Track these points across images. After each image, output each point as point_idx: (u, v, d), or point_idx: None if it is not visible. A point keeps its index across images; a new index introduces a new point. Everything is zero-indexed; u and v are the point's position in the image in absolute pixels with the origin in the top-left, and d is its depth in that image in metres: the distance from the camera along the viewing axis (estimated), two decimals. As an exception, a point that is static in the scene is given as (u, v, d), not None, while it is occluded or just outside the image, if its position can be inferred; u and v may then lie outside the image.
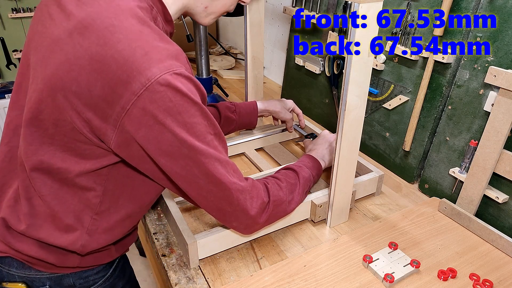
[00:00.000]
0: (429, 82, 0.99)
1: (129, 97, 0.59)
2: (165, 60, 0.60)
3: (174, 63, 0.61)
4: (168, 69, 0.60)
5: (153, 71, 0.58)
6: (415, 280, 0.76)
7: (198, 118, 0.64)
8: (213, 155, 0.66)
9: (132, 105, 0.59)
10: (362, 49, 0.72)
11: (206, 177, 0.67)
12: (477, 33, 0.89)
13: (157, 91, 0.59)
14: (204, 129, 0.66)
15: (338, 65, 1.28)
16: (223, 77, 1.85)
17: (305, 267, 0.79)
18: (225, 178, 0.69)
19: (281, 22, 1.68)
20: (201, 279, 0.78)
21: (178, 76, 0.61)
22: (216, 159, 0.67)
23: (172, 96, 0.60)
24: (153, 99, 0.59)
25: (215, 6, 0.78)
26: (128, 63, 0.58)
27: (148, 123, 0.60)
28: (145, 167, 0.68)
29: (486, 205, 0.91)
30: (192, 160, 0.65)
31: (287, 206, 0.81)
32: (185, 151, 0.64)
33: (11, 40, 2.45)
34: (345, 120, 0.78)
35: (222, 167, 0.68)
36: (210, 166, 0.66)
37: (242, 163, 1.17)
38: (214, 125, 0.68)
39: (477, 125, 0.91)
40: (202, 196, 0.70)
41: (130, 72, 0.58)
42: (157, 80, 0.58)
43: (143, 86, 0.58)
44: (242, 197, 0.71)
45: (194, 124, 0.64)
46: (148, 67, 0.58)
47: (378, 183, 1.01)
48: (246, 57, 1.16)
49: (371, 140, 1.19)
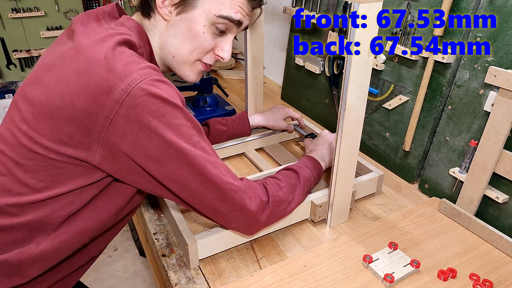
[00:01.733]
0: (429, 82, 0.99)
1: (112, 106, 0.59)
2: (144, 68, 0.62)
3: (153, 72, 0.63)
4: (148, 75, 0.61)
5: (133, 77, 0.60)
6: (415, 280, 0.76)
7: (182, 119, 0.65)
8: (202, 156, 0.66)
9: (115, 114, 0.60)
10: (362, 49, 0.72)
11: (198, 179, 0.66)
12: (477, 33, 0.89)
13: (138, 95, 0.59)
14: (189, 131, 0.66)
15: (338, 65, 1.28)
16: (223, 77, 1.85)
17: (305, 267, 0.79)
18: (218, 178, 0.68)
19: (281, 22, 1.68)
20: (201, 279, 0.78)
21: (157, 81, 0.62)
22: (206, 160, 0.66)
23: (154, 100, 0.61)
24: (135, 104, 0.59)
25: (182, 55, 0.78)
26: (109, 73, 0.60)
27: (133, 130, 0.61)
28: (134, 180, 0.68)
29: (486, 205, 0.91)
30: (182, 163, 0.64)
31: (286, 206, 0.80)
32: (174, 153, 0.63)
33: (11, 40, 2.45)
34: (345, 120, 0.78)
35: (213, 168, 0.67)
36: (200, 167, 0.66)
37: (242, 163, 1.17)
38: (198, 128, 0.68)
39: (477, 125, 0.91)
40: (197, 200, 0.70)
41: (111, 80, 0.59)
42: (137, 85, 0.60)
43: (125, 92, 0.59)
44: (238, 197, 0.71)
45: (179, 126, 0.64)
46: (128, 74, 0.60)
47: (378, 183, 1.01)
48: (246, 57, 1.16)
49: (371, 140, 1.19)
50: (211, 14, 0.75)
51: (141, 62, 0.64)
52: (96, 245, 0.79)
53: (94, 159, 0.63)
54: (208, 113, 1.39)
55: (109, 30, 0.68)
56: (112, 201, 0.72)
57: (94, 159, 0.63)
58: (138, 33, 0.74)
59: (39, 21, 2.50)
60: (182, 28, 0.76)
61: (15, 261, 0.66)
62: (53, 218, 0.67)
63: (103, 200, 0.71)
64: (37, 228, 0.67)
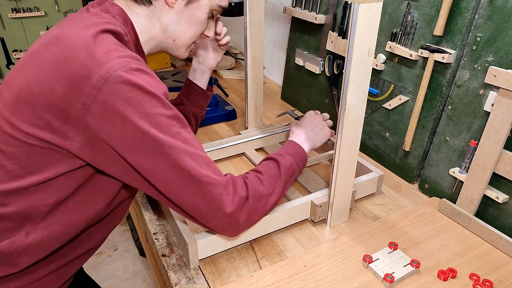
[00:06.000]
0: (429, 82, 0.99)
1: (89, 92, 0.59)
2: (124, 57, 0.62)
3: (133, 61, 0.63)
4: (127, 63, 0.61)
5: (112, 64, 0.60)
6: (415, 280, 0.76)
7: (160, 109, 0.64)
8: (180, 147, 0.65)
9: (92, 100, 0.59)
10: (362, 49, 0.72)
11: (174, 171, 0.65)
12: (477, 33, 0.89)
13: (116, 82, 0.59)
14: (167, 121, 0.65)
15: (338, 65, 1.28)
16: (223, 77, 1.85)
17: (305, 267, 0.79)
18: (195, 170, 0.66)
19: (281, 22, 1.68)
20: (201, 279, 0.78)
21: (136, 70, 0.62)
22: (184, 151, 0.65)
23: (131, 87, 0.60)
24: (113, 91, 0.59)
25: (183, 39, 0.82)
26: (88, 59, 0.60)
27: (109, 117, 0.60)
28: (113, 170, 0.67)
29: (486, 205, 0.91)
30: (158, 153, 0.63)
31: (267, 200, 0.77)
32: (149, 143, 0.63)
33: (11, 40, 2.45)
34: (345, 120, 0.78)
35: (191, 160, 0.66)
36: (177, 158, 0.64)
37: (242, 163, 1.17)
38: (178, 118, 0.67)
39: (477, 125, 0.91)
40: (174, 193, 0.68)
41: (90, 67, 0.59)
42: (116, 72, 0.60)
43: (103, 79, 0.59)
44: (217, 192, 0.68)
45: (156, 116, 0.63)
46: (107, 61, 0.60)
47: (378, 183, 1.01)
48: (246, 57, 1.16)
49: (371, 140, 1.19)
50: (213, 3, 0.82)
51: (122, 51, 0.64)
52: (90, 237, 0.79)
53: (72, 146, 0.63)
54: (208, 113, 1.39)
55: (94, 18, 0.69)
56: (99, 192, 0.72)
57: (72, 146, 0.63)
58: (123, 20, 0.73)
59: (39, 21, 2.50)
60: (187, 16, 0.79)
61: (6, 251, 0.67)
62: (40, 207, 0.67)
63: (90, 191, 0.71)
64: (25, 218, 0.68)
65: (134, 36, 0.75)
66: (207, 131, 1.35)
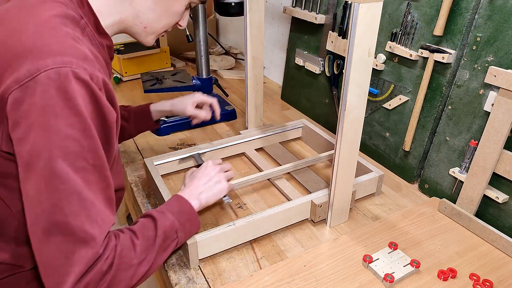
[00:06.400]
0: (429, 82, 0.99)
1: (9, 85, 0.52)
2: (66, 55, 0.54)
3: (76, 61, 0.54)
4: (66, 64, 0.53)
5: (46, 62, 0.52)
6: (415, 280, 0.76)
7: (77, 133, 0.54)
8: (74, 185, 0.54)
9: (9, 95, 0.52)
10: (362, 49, 0.72)
11: (50, 211, 0.53)
12: (477, 33, 0.89)
13: (42, 83, 0.52)
14: (78, 150, 0.54)
15: (338, 65, 1.28)
16: (223, 77, 1.85)
17: (305, 267, 0.79)
18: (74, 221, 0.54)
19: (281, 22, 1.68)
20: (201, 279, 0.78)
21: (74, 77, 0.53)
22: (76, 192, 0.54)
23: (55, 95, 0.52)
24: (34, 91, 0.52)
25: (155, 27, 0.77)
26: (24, 50, 0.54)
27: (19, 118, 0.53)
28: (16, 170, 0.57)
29: (486, 205, 0.91)
30: (45, 181, 0.53)
31: (135, 271, 0.62)
32: (41, 165, 0.53)
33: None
34: (345, 120, 0.78)
35: (79, 205, 0.54)
36: (63, 198, 0.53)
37: (242, 163, 1.17)
38: (96, 155, 0.57)
39: (477, 125, 0.91)
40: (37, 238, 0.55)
41: (23, 59, 0.53)
42: (47, 71, 0.52)
43: (30, 75, 0.52)
44: (80, 255, 0.55)
45: (68, 138, 0.53)
46: (43, 57, 0.53)
47: (378, 183, 1.01)
48: (246, 57, 1.16)
49: (371, 140, 1.19)
50: None
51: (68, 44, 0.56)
52: None
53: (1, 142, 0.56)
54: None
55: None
56: None
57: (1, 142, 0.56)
58: (78, 1, 0.65)
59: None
60: (164, 4, 0.75)
61: None
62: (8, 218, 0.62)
63: None
64: None
65: (93, 18, 0.67)
66: (207, 131, 1.35)
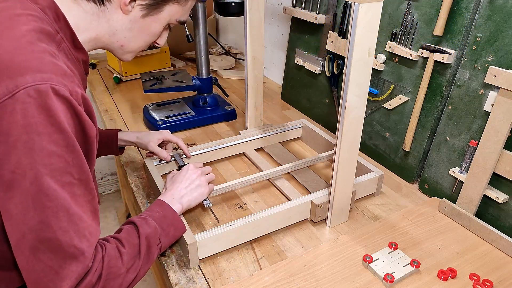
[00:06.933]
0: (429, 82, 0.99)
1: None
2: (45, 71, 0.54)
3: (55, 78, 0.54)
4: (46, 81, 0.53)
5: (26, 79, 0.52)
6: (415, 280, 0.76)
7: (61, 149, 0.54)
8: (62, 202, 0.54)
9: None
10: (362, 49, 0.72)
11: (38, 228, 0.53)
12: (477, 33, 0.89)
13: (22, 101, 0.51)
14: (64, 166, 0.54)
15: (338, 65, 1.28)
16: (223, 77, 1.85)
17: (305, 267, 0.79)
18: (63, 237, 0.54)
19: (281, 22, 1.68)
20: (201, 279, 0.78)
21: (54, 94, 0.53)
22: (64, 208, 0.54)
23: (37, 113, 0.52)
24: (14, 109, 0.51)
25: (132, 47, 0.77)
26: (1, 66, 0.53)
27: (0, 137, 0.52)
28: None
29: (486, 205, 0.91)
30: (32, 199, 0.53)
31: (123, 279, 0.63)
32: (26, 184, 0.52)
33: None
34: (345, 120, 0.78)
35: (67, 221, 0.55)
36: (51, 215, 0.53)
37: (242, 163, 1.17)
38: (81, 168, 0.57)
39: (477, 125, 0.91)
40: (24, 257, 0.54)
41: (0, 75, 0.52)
42: (26, 89, 0.51)
43: (9, 93, 0.51)
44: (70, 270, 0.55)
45: (52, 155, 0.53)
46: (22, 74, 0.52)
47: (378, 183, 1.01)
48: (246, 57, 1.16)
49: (371, 140, 1.19)
50: (173, 18, 0.77)
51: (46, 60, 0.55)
52: None
53: None
54: (208, 113, 1.39)
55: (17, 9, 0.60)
56: None
57: None
58: (54, 15, 0.64)
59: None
60: (141, 25, 0.74)
61: None
62: None
63: None
64: None
65: (70, 32, 0.66)
66: (207, 131, 1.36)
